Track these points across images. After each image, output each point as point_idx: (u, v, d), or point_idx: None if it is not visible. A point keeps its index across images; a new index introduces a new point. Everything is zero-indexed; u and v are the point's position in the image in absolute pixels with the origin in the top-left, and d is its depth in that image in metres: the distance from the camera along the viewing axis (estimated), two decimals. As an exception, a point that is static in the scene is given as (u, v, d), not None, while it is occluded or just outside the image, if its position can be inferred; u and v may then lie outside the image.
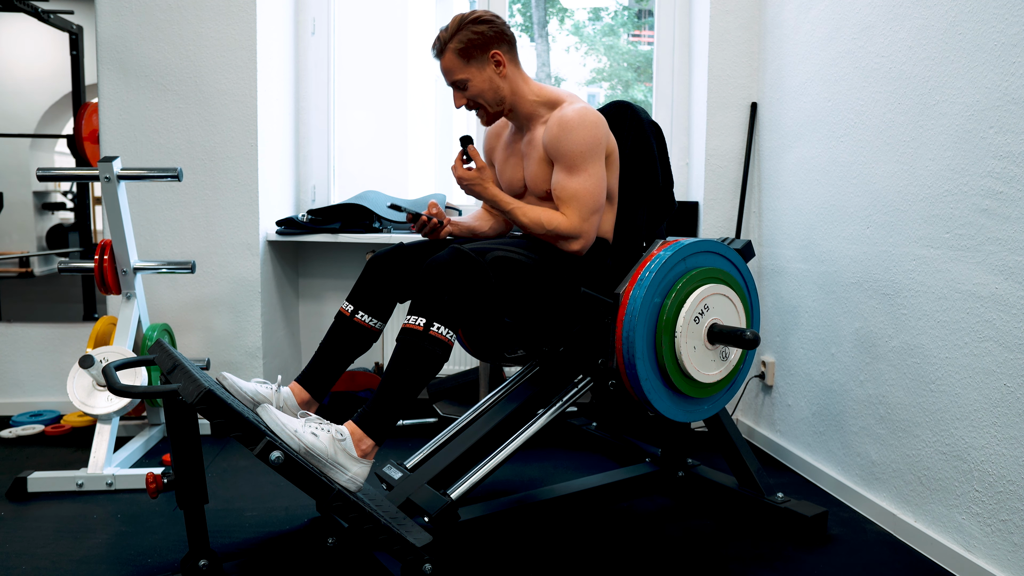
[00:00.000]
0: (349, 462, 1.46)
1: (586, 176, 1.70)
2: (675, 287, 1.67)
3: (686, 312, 1.65)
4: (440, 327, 1.51)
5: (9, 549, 1.68)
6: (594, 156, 1.70)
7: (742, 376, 1.85)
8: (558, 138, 1.70)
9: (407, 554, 1.43)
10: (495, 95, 1.77)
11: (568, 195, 1.71)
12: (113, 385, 1.35)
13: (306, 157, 3.03)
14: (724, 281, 1.74)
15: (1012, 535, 1.49)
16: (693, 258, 1.73)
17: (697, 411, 1.78)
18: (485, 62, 1.75)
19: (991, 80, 1.54)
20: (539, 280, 1.67)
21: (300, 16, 2.96)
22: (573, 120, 1.69)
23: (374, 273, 1.76)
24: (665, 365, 1.66)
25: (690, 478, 2.11)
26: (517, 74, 1.80)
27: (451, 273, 1.53)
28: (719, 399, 1.82)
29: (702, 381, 1.71)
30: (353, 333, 1.74)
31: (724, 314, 1.73)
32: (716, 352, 1.72)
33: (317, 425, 1.47)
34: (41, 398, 2.80)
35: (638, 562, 1.69)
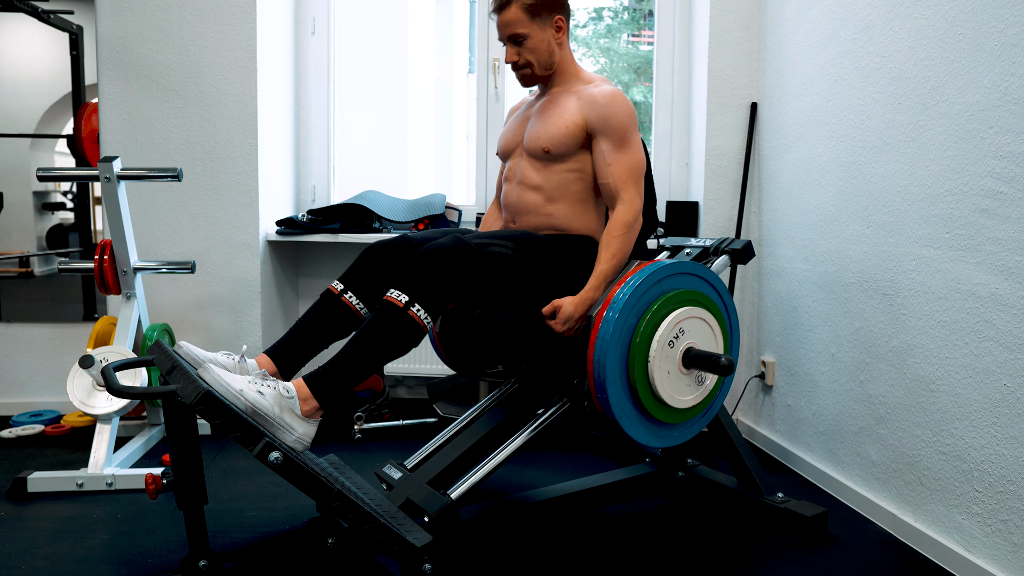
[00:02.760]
0: (296, 422, 1.44)
1: (635, 147, 1.75)
2: (649, 309, 1.61)
3: (660, 336, 1.60)
4: (420, 310, 1.51)
5: (9, 549, 1.68)
6: (635, 127, 1.76)
7: (719, 401, 1.78)
8: (607, 109, 1.72)
9: (407, 554, 1.43)
10: (549, 58, 1.80)
11: (624, 170, 1.72)
12: (112, 386, 1.35)
13: (306, 157, 3.03)
14: (701, 304, 1.68)
15: (1012, 535, 1.49)
16: (669, 280, 1.66)
17: (670, 436, 1.71)
18: (548, 23, 1.78)
19: (991, 80, 1.54)
20: (531, 282, 1.67)
21: (300, 16, 2.96)
22: (618, 95, 1.74)
23: (371, 259, 1.73)
24: (637, 390, 1.59)
25: (690, 478, 2.11)
26: (568, 45, 1.85)
27: (448, 260, 1.52)
28: (694, 424, 1.75)
29: (676, 406, 1.64)
30: (337, 312, 1.69)
31: (700, 338, 1.67)
32: (691, 377, 1.66)
33: (263, 383, 1.44)
34: (41, 398, 2.80)
35: (638, 562, 1.69)
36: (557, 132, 1.75)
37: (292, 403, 1.44)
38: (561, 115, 1.77)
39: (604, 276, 1.68)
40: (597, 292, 1.67)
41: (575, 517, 1.94)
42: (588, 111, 1.74)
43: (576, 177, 1.78)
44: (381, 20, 5.25)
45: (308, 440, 1.47)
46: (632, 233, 1.72)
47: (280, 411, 1.42)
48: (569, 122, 1.75)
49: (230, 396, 1.38)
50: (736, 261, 1.99)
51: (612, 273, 1.69)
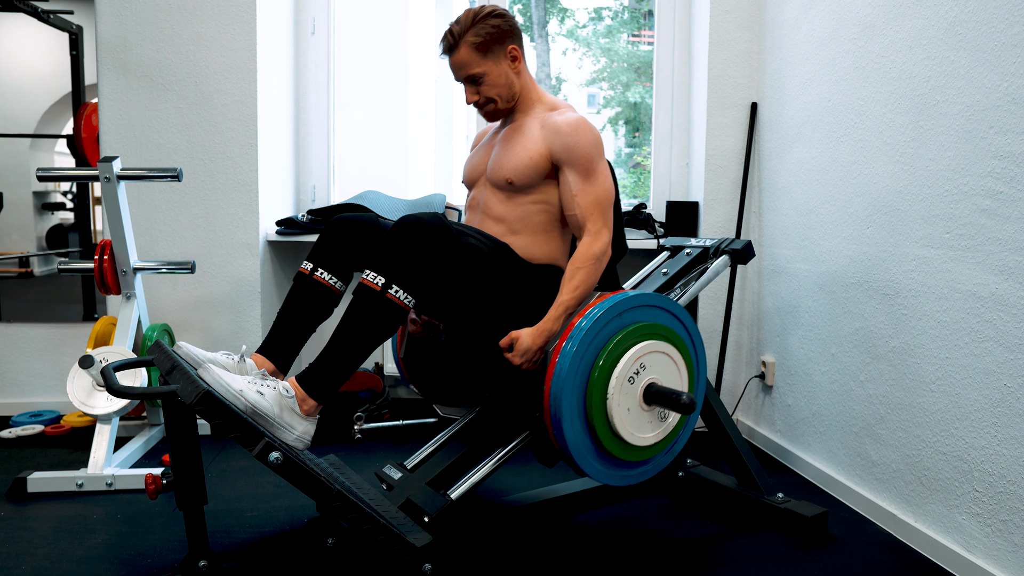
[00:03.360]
0: (296, 421, 1.44)
1: (602, 177, 1.68)
2: (609, 344, 1.52)
3: (619, 371, 1.52)
4: (399, 291, 1.46)
5: (9, 549, 1.68)
6: (602, 156, 1.70)
7: (684, 436, 1.70)
8: (572, 139, 1.66)
9: (407, 554, 1.43)
10: (509, 91, 1.75)
11: (590, 201, 1.66)
12: (112, 386, 1.35)
13: (306, 157, 3.03)
14: (665, 338, 1.60)
15: (1012, 535, 1.49)
16: (631, 312, 1.57)
17: (632, 475, 1.63)
18: (502, 56, 1.72)
19: (991, 80, 1.54)
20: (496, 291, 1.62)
21: (300, 16, 2.96)
22: (582, 123, 1.68)
23: (337, 233, 1.68)
24: (595, 427, 1.52)
25: (690, 478, 2.10)
26: (527, 72, 1.79)
27: (426, 236, 1.47)
28: (657, 461, 1.67)
29: (636, 444, 1.57)
30: (314, 293, 1.66)
31: (663, 373, 1.59)
32: (653, 413, 1.58)
33: (262, 383, 1.44)
34: (41, 398, 2.80)
35: (638, 562, 1.69)
36: (520, 163, 1.68)
37: (291, 402, 1.44)
38: (525, 145, 1.70)
39: (565, 308, 1.61)
40: (556, 324, 1.60)
41: (575, 517, 1.94)
42: (552, 140, 1.67)
43: (540, 208, 1.71)
44: (381, 20, 5.25)
45: (308, 438, 1.47)
46: (599, 265, 1.65)
47: (280, 411, 1.42)
48: (533, 152, 1.68)
49: (230, 396, 1.37)
50: (736, 261, 1.99)
51: (574, 305, 1.62)
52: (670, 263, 2.07)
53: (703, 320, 2.73)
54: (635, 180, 4.33)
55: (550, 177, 1.70)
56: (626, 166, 4.39)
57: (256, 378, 1.45)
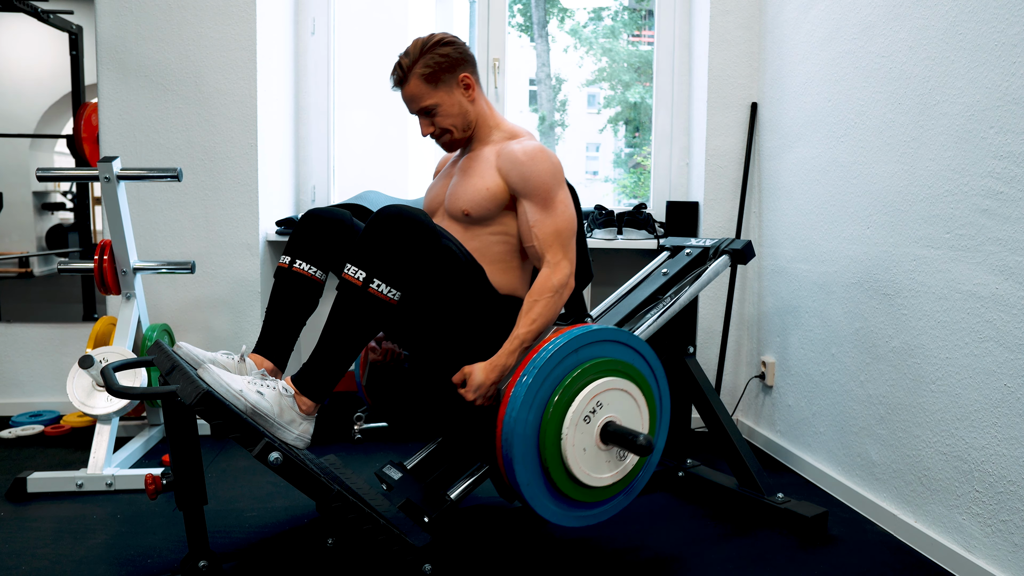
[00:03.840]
0: (295, 420, 1.44)
1: (562, 207, 1.62)
2: (563, 382, 1.45)
3: (574, 411, 1.45)
4: (381, 284, 1.42)
5: (9, 549, 1.68)
6: (562, 185, 1.65)
7: (646, 475, 1.63)
8: (528, 168, 1.60)
9: (406, 555, 1.43)
10: (464, 120, 1.70)
11: (550, 233, 1.60)
12: (112, 386, 1.35)
13: (306, 157, 3.03)
14: (625, 374, 1.53)
15: (1012, 535, 1.49)
16: (588, 348, 1.50)
17: (589, 516, 1.56)
18: (453, 86, 1.67)
19: (991, 80, 1.54)
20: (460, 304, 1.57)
21: (300, 16, 2.96)
22: (540, 152, 1.62)
23: (310, 225, 1.66)
24: (549, 469, 1.45)
25: (690, 478, 2.10)
26: (482, 98, 1.74)
27: (404, 227, 1.43)
28: (616, 502, 1.60)
29: (592, 485, 1.50)
30: (296, 285, 1.65)
31: (623, 411, 1.52)
32: (611, 453, 1.51)
33: (262, 383, 1.44)
34: (41, 398, 2.80)
35: (638, 562, 1.69)
36: (477, 195, 1.63)
37: (291, 401, 1.44)
38: (482, 175, 1.64)
39: (520, 342, 1.55)
40: (511, 359, 1.54)
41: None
42: (509, 171, 1.61)
43: (499, 240, 1.66)
44: (381, 20, 5.25)
45: (308, 437, 1.47)
46: (558, 298, 1.58)
47: (280, 410, 1.43)
48: (490, 183, 1.63)
49: (230, 397, 1.38)
50: (736, 261, 1.99)
51: (530, 339, 1.55)
52: (670, 263, 2.07)
53: (703, 320, 2.73)
54: (635, 180, 4.33)
55: (509, 208, 1.65)
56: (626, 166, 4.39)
57: (256, 378, 1.46)
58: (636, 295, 1.99)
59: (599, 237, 2.74)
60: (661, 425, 1.65)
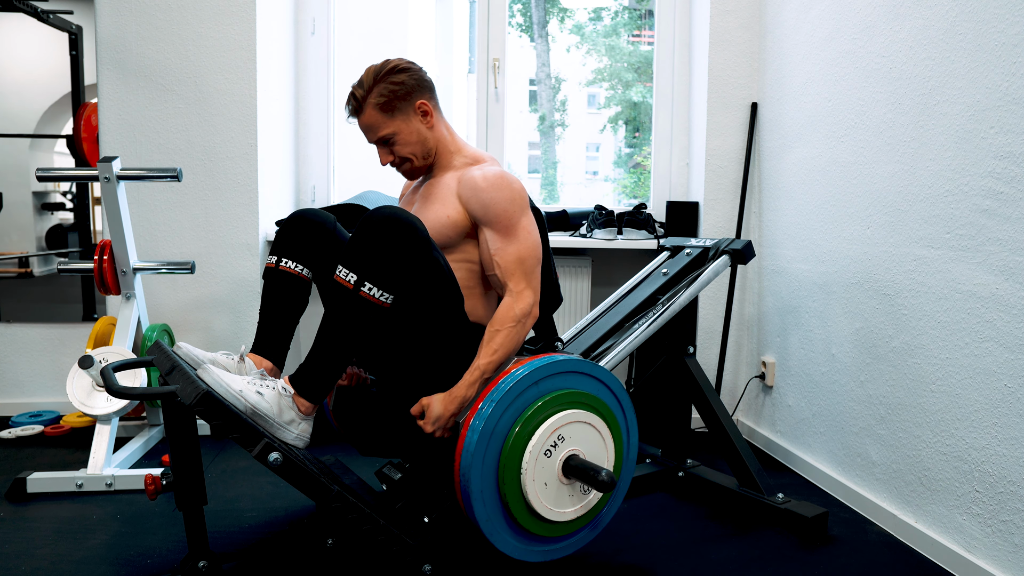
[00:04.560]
0: (295, 420, 1.44)
1: (524, 234, 1.59)
2: (524, 414, 1.42)
3: (534, 445, 1.41)
4: (373, 288, 1.40)
5: (8, 550, 1.68)
6: (525, 211, 1.61)
7: (612, 507, 1.59)
8: (488, 195, 1.57)
9: (406, 555, 1.43)
10: (423, 147, 1.67)
11: (512, 262, 1.57)
12: (111, 387, 1.35)
13: (306, 157, 3.03)
14: (589, 406, 1.48)
15: (1013, 536, 1.49)
16: (549, 380, 1.46)
17: (554, 551, 1.52)
18: (411, 113, 1.64)
19: (992, 80, 1.54)
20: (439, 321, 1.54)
21: (300, 16, 2.96)
22: (502, 178, 1.59)
23: (294, 225, 1.67)
24: (509, 504, 1.42)
25: (690, 479, 2.10)
26: (442, 123, 1.71)
27: (395, 229, 1.41)
28: (580, 536, 1.56)
29: (554, 520, 1.46)
30: (284, 283, 1.65)
31: (586, 444, 1.47)
32: (574, 487, 1.47)
33: (261, 383, 1.44)
34: (40, 398, 2.80)
35: (638, 562, 1.69)
36: (438, 223, 1.59)
37: (290, 401, 1.45)
38: (443, 203, 1.61)
39: (481, 372, 1.51)
40: (471, 390, 1.50)
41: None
42: (468, 198, 1.59)
43: (461, 267, 1.62)
44: (381, 20, 5.25)
45: (307, 437, 1.47)
46: (520, 327, 1.55)
47: (279, 410, 1.43)
48: (451, 210, 1.60)
49: (230, 397, 1.38)
50: (736, 261, 1.99)
51: (491, 370, 1.52)
52: (670, 263, 2.07)
53: (703, 320, 2.73)
54: (635, 180, 4.33)
55: (471, 236, 1.62)
56: (626, 166, 4.39)
57: (255, 378, 1.46)
58: (636, 295, 1.99)
59: (599, 237, 2.73)
60: (628, 458, 1.60)
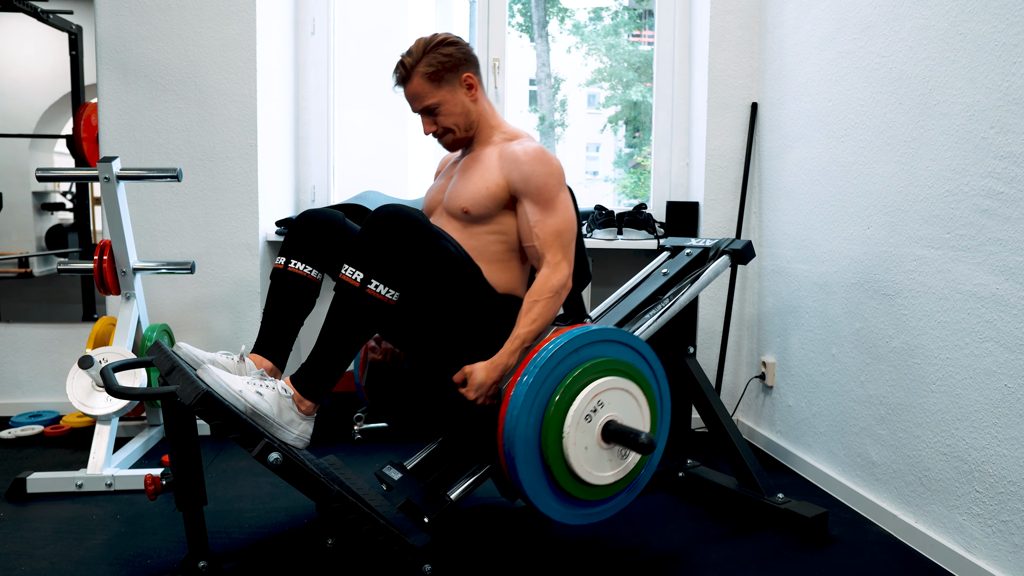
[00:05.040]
0: (295, 420, 1.44)
1: (562, 208, 1.63)
2: (564, 381, 1.46)
3: (575, 409, 1.45)
4: (380, 286, 1.43)
5: (8, 550, 1.68)
6: (563, 186, 1.66)
7: (648, 472, 1.64)
8: (530, 169, 1.60)
9: (406, 555, 1.43)
10: (466, 119, 1.71)
11: (550, 234, 1.61)
12: (111, 387, 1.35)
13: (306, 157, 3.03)
14: (626, 374, 1.53)
15: (1013, 536, 1.49)
16: (589, 348, 1.51)
17: (593, 514, 1.57)
18: (456, 85, 1.68)
19: (992, 80, 1.54)
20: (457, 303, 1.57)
21: (300, 16, 2.96)
22: (542, 153, 1.63)
23: (305, 225, 1.68)
24: (551, 467, 1.46)
25: (690, 479, 2.10)
26: (484, 98, 1.74)
27: (401, 227, 1.43)
28: (619, 499, 1.61)
29: (595, 483, 1.51)
30: (292, 284, 1.66)
31: (624, 410, 1.52)
32: (613, 451, 1.52)
33: (261, 383, 1.44)
34: (40, 399, 2.80)
35: (638, 562, 1.69)
36: (477, 193, 1.63)
37: (290, 402, 1.44)
38: (483, 175, 1.65)
39: (521, 341, 1.55)
40: (512, 358, 1.54)
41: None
42: (510, 171, 1.62)
43: (497, 239, 1.66)
44: (381, 20, 5.25)
45: (307, 437, 1.47)
46: (557, 298, 1.59)
47: (279, 410, 1.43)
48: (490, 182, 1.63)
49: (230, 397, 1.38)
50: (736, 261, 1.99)
51: (530, 339, 1.56)
52: (670, 263, 2.07)
53: (703, 320, 2.73)
54: (635, 180, 4.33)
55: (508, 208, 1.65)
56: (626, 166, 4.39)
57: (255, 378, 1.46)
58: (636, 295, 1.99)
59: (599, 237, 2.73)
60: (662, 424, 1.66)
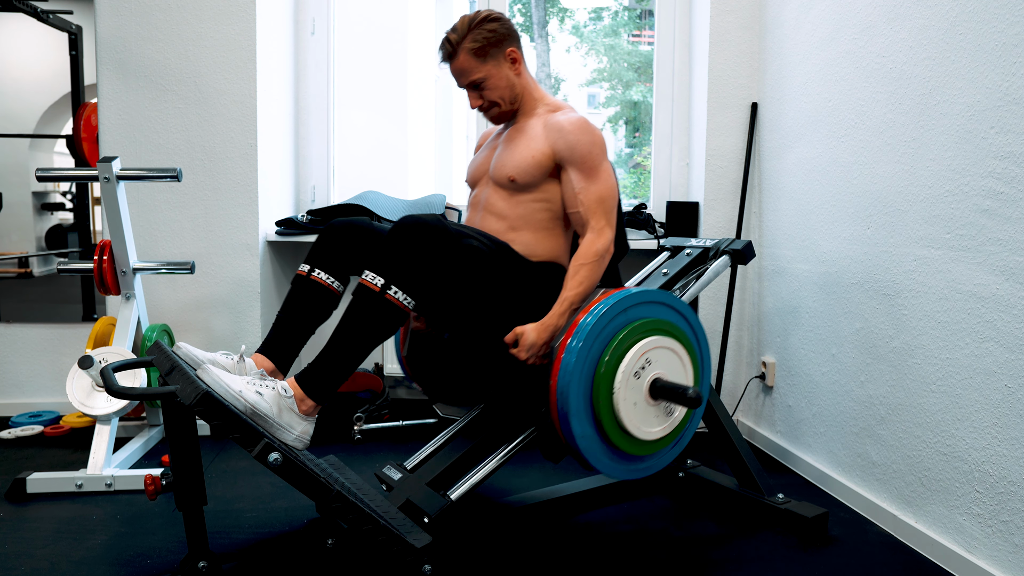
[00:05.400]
0: (295, 421, 1.44)
1: (605, 176, 1.70)
2: (614, 339, 1.54)
3: (625, 367, 1.53)
4: (398, 292, 1.47)
5: (8, 550, 1.67)
6: (605, 156, 1.72)
7: (690, 430, 1.72)
8: (575, 137, 1.67)
9: (406, 555, 1.43)
10: (511, 92, 1.77)
11: (594, 200, 1.67)
12: (111, 387, 1.35)
13: (306, 157, 3.03)
14: (670, 333, 1.61)
15: (1013, 536, 1.49)
16: (636, 309, 1.58)
17: (639, 469, 1.64)
18: (501, 60, 1.74)
19: (992, 80, 1.54)
20: (498, 290, 1.63)
21: (300, 16, 2.96)
22: (585, 123, 1.70)
23: (334, 235, 1.70)
24: (602, 421, 1.53)
25: (690, 479, 2.10)
26: (527, 72, 1.81)
27: (425, 237, 1.48)
28: (664, 455, 1.68)
29: (643, 438, 1.58)
30: (312, 293, 1.67)
31: (669, 368, 1.60)
32: (659, 408, 1.60)
33: (261, 383, 1.44)
34: (40, 399, 2.80)
35: (638, 563, 1.69)
36: (523, 161, 1.70)
37: (290, 402, 1.44)
38: (528, 144, 1.71)
39: (569, 303, 1.62)
40: (561, 320, 1.61)
41: (575, 518, 1.94)
42: (555, 139, 1.69)
43: (542, 207, 1.72)
44: (381, 20, 5.25)
45: (307, 438, 1.47)
46: (602, 263, 1.66)
47: (279, 411, 1.43)
48: (536, 151, 1.69)
49: (229, 397, 1.38)
50: (736, 262, 1.99)
51: (578, 301, 1.63)
52: (670, 263, 2.07)
53: (703, 321, 2.73)
54: (635, 180, 4.33)
55: (552, 176, 1.72)
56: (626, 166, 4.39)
57: (255, 378, 1.45)
58: (636, 295, 1.99)
59: (599, 237, 2.73)
60: (704, 381, 1.73)
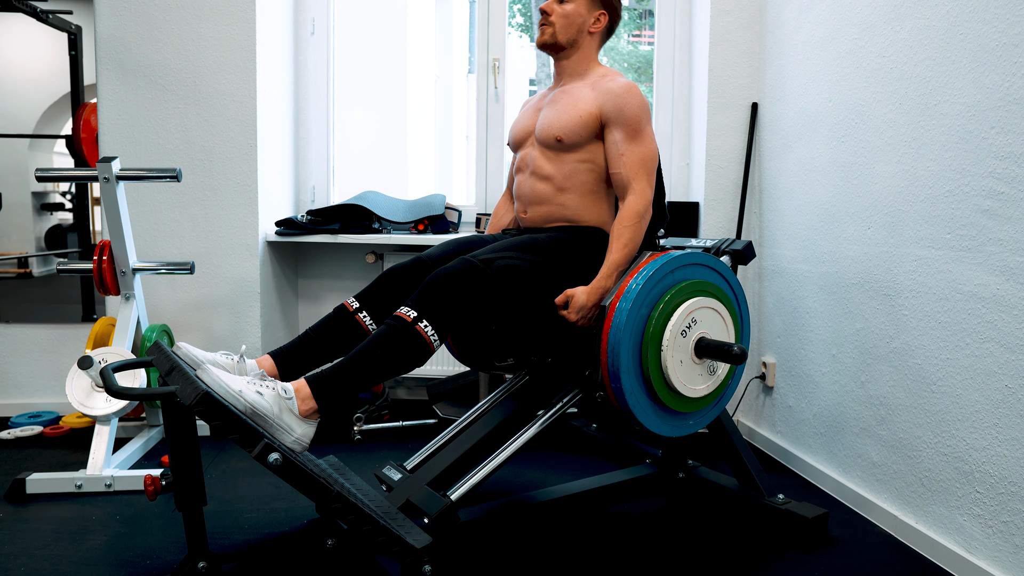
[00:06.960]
0: (295, 422, 1.44)
1: (648, 139, 1.77)
2: (662, 300, 1.63)
3: (673, 325, 1.62)
4: (428, 326, 1.52)
5: (8, 550, 1.67)
6: (649, 121, 1.79)
7: (730, 391, 1.81)
8: (623, 100, 1.74)
9: (406, 555, 1.43)
10: (574, 33, 1.85)
11: (636, 162, 1.74)
12: (111, 387, 1.35)
13: (306, 157, 3.02)
14: (713, 294, 1.70)
15: (1013, 536, 1.49)
16: (681, 270, 1.69)
17: (683, 426, 1.73)
18: (594, 6, 1.85)
19: (992, 80, 1.54)
20: (542, 286, 1.69)
21: (300, 16, 2.96)
22: (633, 87, 1.77)
23: (389, 282, 1.74)
24: (651, 378, 1.62)
25: (691, 479, 2.10)
26: (597, 43, 1.90)
27: (457, 284, 1.55)
28: (706, 413, 1.78)
29: (688, 396, 1.67)
30: (349, 329, 1.69)
31: (712, 328, 1.69)
32: (703, 366, 1.69)
33: (261, 383, 1.44)
34: (40, 399, 2.80)
35: (638, 564, 1.68)
36: (571, 121, 1.77)
37: (290, 404, 1.43)
38: (576, 104, 1.79)
39: (616, 265, 1.70)
40: (609, 281, 1.69)
41: (576, 518, 1.93)
42: (603, 100, 1.76)
43: (587, 168, 1.79)
44: (381, 20, 5.25)
45: (307, 441, 1.46)
46: (643, 223, 1.73)
47: (279, 412, 1.42)
48: (583, 111, 1.77)
49: (229, 397, 1.37)
50: (737, 262, 1.99)
51: (624, 263, 1.71)
52: (670, 263, 2.07)
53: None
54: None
55: (597, 137, 1.79)
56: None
57: (255, 378, 1.45)
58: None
59: (599, 237, 2.73)
60: (745, 340, 1.82)
